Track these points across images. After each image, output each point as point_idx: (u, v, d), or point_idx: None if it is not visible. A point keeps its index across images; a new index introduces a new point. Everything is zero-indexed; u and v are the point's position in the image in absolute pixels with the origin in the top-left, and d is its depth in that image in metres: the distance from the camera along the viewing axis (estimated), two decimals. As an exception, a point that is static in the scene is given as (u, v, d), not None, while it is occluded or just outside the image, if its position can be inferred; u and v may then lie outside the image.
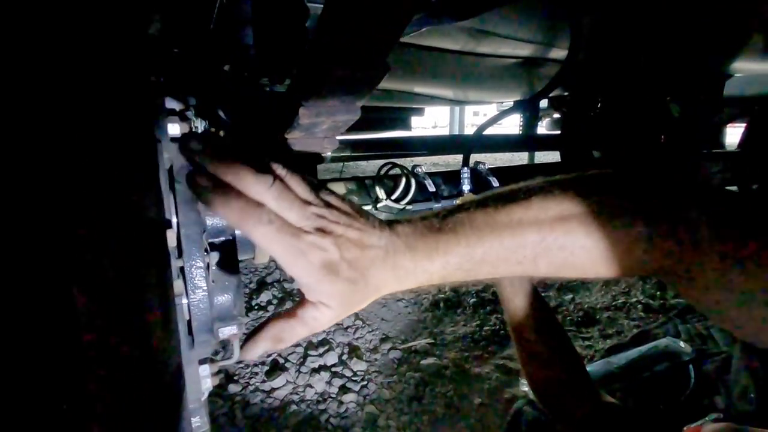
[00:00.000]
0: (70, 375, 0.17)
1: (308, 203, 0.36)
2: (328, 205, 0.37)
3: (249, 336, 0.38)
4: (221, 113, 0.81)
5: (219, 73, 0.73)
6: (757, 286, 0.33)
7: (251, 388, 1.51)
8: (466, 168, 1.00)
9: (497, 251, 0.37)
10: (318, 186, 0.38)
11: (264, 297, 2.10)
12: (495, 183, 1.04)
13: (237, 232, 0.68)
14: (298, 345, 1.75)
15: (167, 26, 0.76)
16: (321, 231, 0.35)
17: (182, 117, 0.59)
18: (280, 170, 0.36)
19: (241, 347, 0.38)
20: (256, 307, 2.04)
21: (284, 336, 0.38)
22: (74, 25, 0.22)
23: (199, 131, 0.83)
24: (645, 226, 0.35)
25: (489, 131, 1.28)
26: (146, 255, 0.24)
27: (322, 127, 0.50)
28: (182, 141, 0.34)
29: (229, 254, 0.55)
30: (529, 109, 2.32)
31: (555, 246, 0.37)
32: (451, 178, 1.04)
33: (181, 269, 0.54)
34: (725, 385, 1.06)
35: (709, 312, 0.38)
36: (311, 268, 0.35)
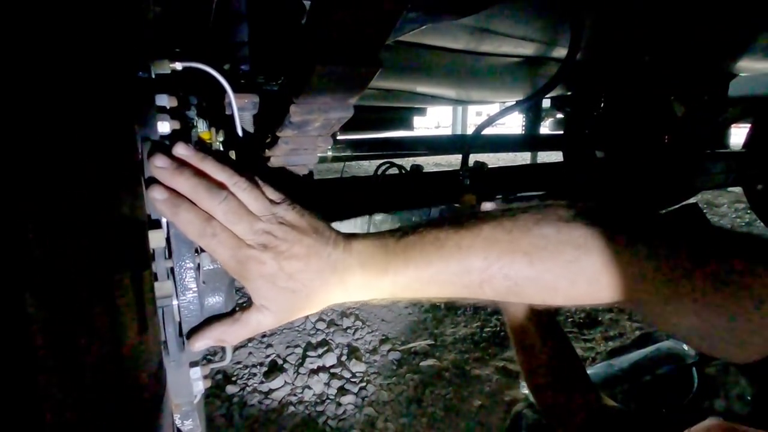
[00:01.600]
0: (20, 383, 0.16)
1: (258, 219, 0.39)
2: (281, 221, 0.40)
3: (195, 330, 0.43)
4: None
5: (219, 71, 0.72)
6: (704, 316, 0.34)
7: (249, 389, 1.51)
8: (465, 168, 0.99)
9: (444, 275, 0.39)
10: (280, 201, 0.41)
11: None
12: (495, 182, 1.02)
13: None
14: (297, 346, 1.74)
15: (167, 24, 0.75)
16: (263, 246, 0.39)
17: (174, 114, 0.58)
18: (240, 183, 0.39)
19: (187, 338, 0.43)
20: (255, 307, 2.04)
21: (226, 338, 0.43)
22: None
23: (200, 130, 0.82)
24: (590, 262, 0.37)
25: (492, 131, 1.27)
26: (116, 254, 0.23)
27: (314, 125, 0.49)
28: (149, 156, 0.39)
29: None
30: (531, 108, 2.31)
31: (499, 275, 0.39)
32: (451, 177, 1.03)
33: (171, 270, 0.53)
34: (725, 388, 1.05)
35: (667, 332, 0.41)
36: (250, 277, 0.39)
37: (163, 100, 0.55)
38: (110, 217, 0.23)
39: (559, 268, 0.37)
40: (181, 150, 0.40)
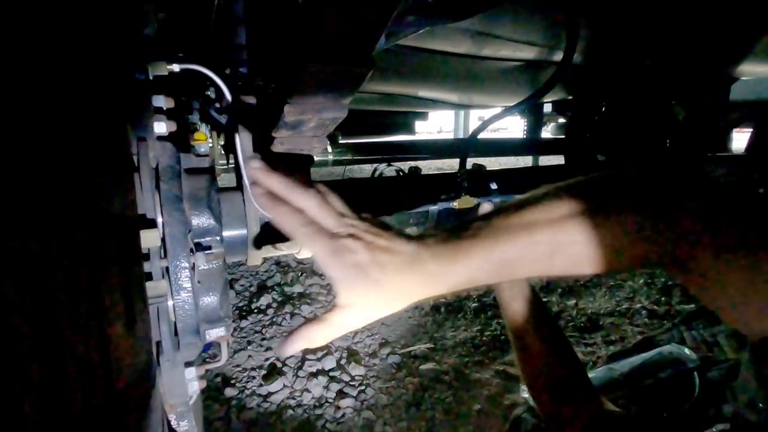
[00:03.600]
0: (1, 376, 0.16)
1: (343, 215, 0.43)
2: (361, 218, 0.44)
3: (287, 337, 0.44)
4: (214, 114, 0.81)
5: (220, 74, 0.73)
6: (756, 279, 0.34)
7: (248, 392, 1.50)
8: (462, 170, 0.99)
9: (515, 251, 0.41)
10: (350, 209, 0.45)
11: (264, 300, 2.09)
12: (493, 185, 1.02)
13: (224, 233, 0.67)
14: (296, 349, 1.73)
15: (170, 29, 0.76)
16: (353, 236, 0.41)
17: (171, 116, 0.58)
18: (321, 188, 0.44)
19: (283, 344, 0.44)
20: (255, 311, 2.03)
21: (316, 337, 0.43)
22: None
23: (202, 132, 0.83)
24: (644, 220, 0.37)
25: (493, 135, 1.27)
26: (102, 249, 0.23)
27: (309, 125, 0.49)
28: (245, 162, 0.45)
29: None
30: (533, 113, 2.31)
31: (567, 242, 0.39)
32: (448, 180, 1.03)
33: (166, 269, 0.53)
34: (732, 393, 1.03)
35: (713, 307, 0.40)
36: (344, 266, 0.41)
37: (160, 102, 0.56)
38: (96, 212, 0.23)
39: (621, 227, 0.38)
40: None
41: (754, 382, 0.96)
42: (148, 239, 0.46)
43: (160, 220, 0.52)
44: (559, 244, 0.40)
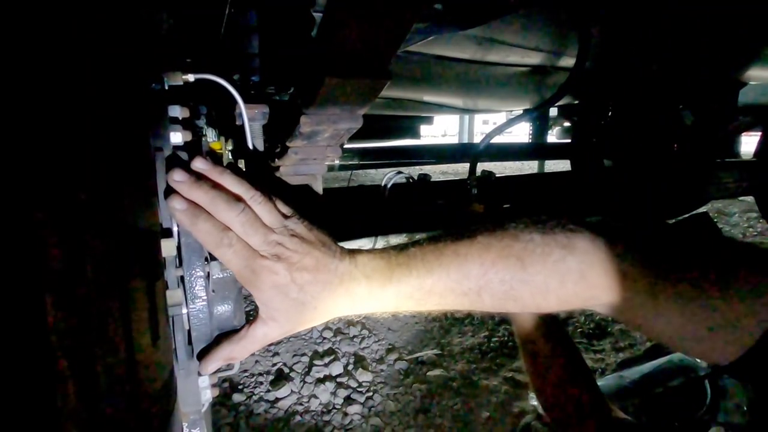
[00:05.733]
0: (38, 391, 0.16)
1: (272, 231, 0.41)
2: (293, 234, 0.42)
3: (204, 352, 0.44)
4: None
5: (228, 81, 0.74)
6: (685, 314, 0.36)
7: (255, 397, 1.50)
8: (472, 177, 0.99)
9: (444, 283, 0.42)
10: (290, 215, 0.43)
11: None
12: (503, 192, 1.02)
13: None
14: (303, 354, 1.74)
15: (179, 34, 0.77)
16: (276, 257, 0.40)
17: (186, 125, 0.59)
18: (256, 197, 0.41)
19: (198, 359, 0.44)
20: (262, 315, 2.04)
21: (235, 355, 0.44)
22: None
23: (209, 140, 0.83)
24: (576, 261, 0.40)
25: (498, 140, 1.27)
26: (132, 265, 0.24)
27: (324, 136, 0.49)
28: (167, 170, 0.40)
29: None
30: (538, 117, 2.31)
31: (496, 279, 0.41)
32: (459, 186, 1.03)
33: (181, 278, 0.53)
34: (724, 399, 1.05)
35: (651, 337, 0.44)
36: (263, 287, 0.41)
37: (176, 111, 0.56)
38: (127, 226, 0.23)
39: (548, 269, 0.40)
40: (199, 164, 0.42)
41: (739, 387, 0.98)
42: (165, 248, 0.46)
43: (175, 229, 0.52)
44: (488, 282, 0.41)
